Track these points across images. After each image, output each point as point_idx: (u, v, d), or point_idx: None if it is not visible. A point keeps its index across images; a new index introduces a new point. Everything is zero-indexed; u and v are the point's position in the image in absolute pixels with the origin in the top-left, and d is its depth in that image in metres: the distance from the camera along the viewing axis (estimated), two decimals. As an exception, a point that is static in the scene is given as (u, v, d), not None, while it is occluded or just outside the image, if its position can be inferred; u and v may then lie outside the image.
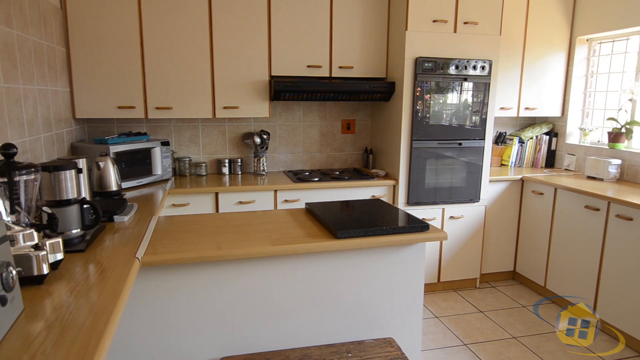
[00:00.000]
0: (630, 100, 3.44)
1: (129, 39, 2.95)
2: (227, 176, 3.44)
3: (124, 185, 2.78)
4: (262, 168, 3.51)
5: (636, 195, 2.86)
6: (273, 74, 3.24)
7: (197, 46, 3.07)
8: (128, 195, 2.60)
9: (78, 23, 2.86)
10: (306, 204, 2.20)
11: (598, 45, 3.80)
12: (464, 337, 2.90)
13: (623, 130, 3.43)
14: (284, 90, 3.17)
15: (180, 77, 3.08)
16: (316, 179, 3.25)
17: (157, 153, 3.09)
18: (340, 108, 3.77)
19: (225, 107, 3.19)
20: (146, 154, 3.03)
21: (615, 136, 3.46)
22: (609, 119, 3.55)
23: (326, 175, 3.44)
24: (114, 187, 2.32)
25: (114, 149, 2.80)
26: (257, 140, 3.46)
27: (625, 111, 3.48)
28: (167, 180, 3.16)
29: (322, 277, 1.80)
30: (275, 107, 3.62)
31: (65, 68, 2.84)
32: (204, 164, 3.44)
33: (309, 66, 3.29)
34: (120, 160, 2.82)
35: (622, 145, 3.45)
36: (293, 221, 2.00)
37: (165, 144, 3.15)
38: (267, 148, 3.54)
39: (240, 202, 3.06)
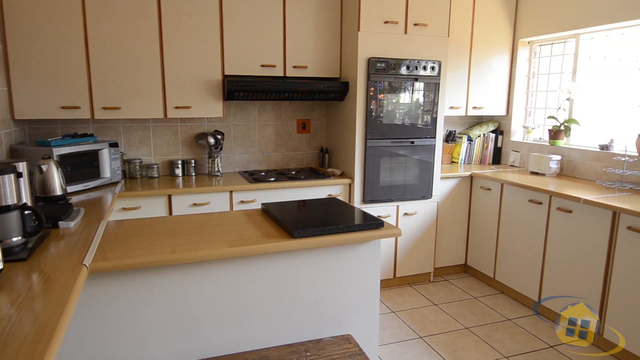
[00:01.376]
0: (568, 99, 3.66)
1: (73, 34, 2.81)
2: (181, 178, 3.36)
3: (70, 189, 2.65)
4: (216, 169, 3.45)
5: (575, 189, 3.05)
6: (226, 73, 3.20)
7: (146, 44, 2.98)
8: (74, 199, 2.48)
9: (16, 17, 2.70)
10: (262, 204, 2.18)
11: (538, 48, 4.02)
12: (420, 330, 2.98)
13: (562, 127, 3.65)
14: (238, 89, 3.13)
15: (129, 76, 2.97)
16: (272, 179, 3.23)
17: (105, 155, 2.96)
18: (295, 108, 3.77)
19: (177, 107, 3.11)
20: (93, 156, 2.90)
21: (555, 133, 3.67)
22: (549, 117, 3.77)
23: (282, 175, 3.43)
24: (58, 192, 2.20)
25: (58, 151, 2.66)
26: (211, 140, 3.40)
27: (564, 110, 3.70)
28: (116, 183, 3.04)
29: (280, 278, 1.79)
30: (230, 107, 3.57)
31: (2, 65, 2.67)
32: (155, 166, 3.34)
33: (263, 65, 3.26)
34: (65, 163, 2.68)
35: (562, 142, 3.67)
36: (249, 222, 1.98)
37: (113, 145, 3.03)
38: (221, 148, 3.48)
39: (195, 204, 3.00)
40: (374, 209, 3.43)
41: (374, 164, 3.38)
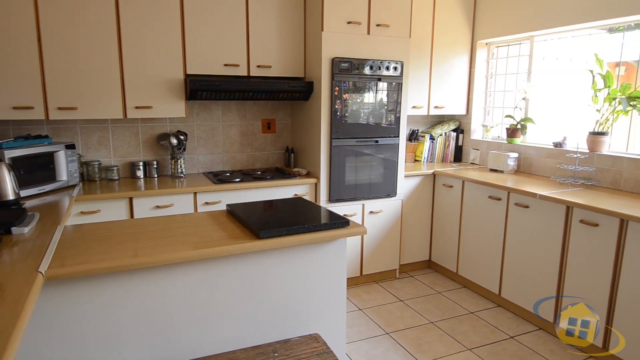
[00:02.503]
0: (524, 99, 3.80)
1: (24, 31, 2.69)
2: (142, 180, 3.27)
3: (24, 193, 2.53)
4: (180, 170, 3.39)
5: (531, 185, 3.18)
6: (189, 72, 3.14)
7: (103, 41, 2.88)
8: (28, 204, 2.37)
9: (-40, 13, 2.55)
10: (227, 205, 2.16)
11: (496, 49, 4.16)
12: (386, 326, 3.03)
13: (519, 126, 3.79)
14: (201, 89, 3.08)
15: (86, 75, 2.87)
16: (237, 180, 3.20)
17: (62, 157, 2.85)
18: (260, 107, 3.75)
19: (137, 107, 3.03)
20: (48, 159, 2.78)
21: (512, 132, 3.82)
22: (507, 116, 3.91)
23: (248, 175, 3.41)
24: (10, 196, 2.10)
25: (10, 153, 2.54)
26: (174, 141, 3.33)
27: (520, 109, 3.85)
28: (73, 186, 2.93)
29: (246, 279, 1.78)
30: (192, 107, 3.50)
31: (-55, 64, 2.52)
32: (115, 168, 3.24)
33: (226, 65, 3.22)
34: (18, 166, 2.56)
35: (518, 140, 3.81)
36: (214, 224, 1.96)
37: (70, 147, 2.91)
38: (184, 149, 3.42)
39: (158, 207, 2.93)
40: (340, 208, 3.45)
41: (340, 163, 3.40)
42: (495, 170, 3.78)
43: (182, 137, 3.37)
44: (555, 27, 3.40)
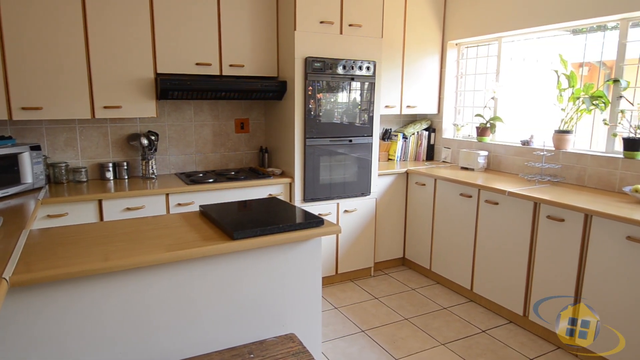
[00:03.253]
0: (492, 98, 3.90)
1: (-16, 29, 2.58)
2: (112, 181, 3.19)
3: (-15, 196, 2.43)
4: (151, 171, 3.32)
5: (500, 182, 3.26)
6: (159, 71, 3.08)
7: (69, 39, 2.79)
8: (-9, 208, 2.28)
9: None
10: (200, 206, 2.13)
11: (465, 50, 4.25)
12: (362, 324, 3.05)
13: (488, 125, 3.89)
14: (172, 88, 3.03)
15: (51, 74, 2.78)
16: (211, 180, 3.16)
17: (26, 159, 2.75)
18: (233, 107, 3.71)
19: (105, 107, 2.95)
20: (12, 161, 2.68)
21: (482, 130, 3.91)
22: (477, 115, 4.00)
23: (221, 175, 3.37)
24: (-29, 200, 2.01)
25: (-30, 155, 2.44)
26: (145, 141, 3.26)
27: (489, 108, 3.95)
28: (39, 189, 2.83)
29: (221, 280, 1.76)
30: (163, 107, 3.44)
31: None
32: (83, 169, 3.15)
33: (197, 64, 3.18)
34: (-21, 168, 2.46)
35: (488, 139, 3.91)
36: (187, 225, 1.93)
37: (35, 148, 2.81)
38: (156, 150, 3.35)
39: (128, 209, 2.87)
40: (314, 208, 3.46)
41: (314, 163, 3.41)
42: (466, 168, 3.86)
43: (153, 138, 3.31)
44: (522, 29, 3.50)
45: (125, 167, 3.29)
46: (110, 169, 3.23)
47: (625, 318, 2.38)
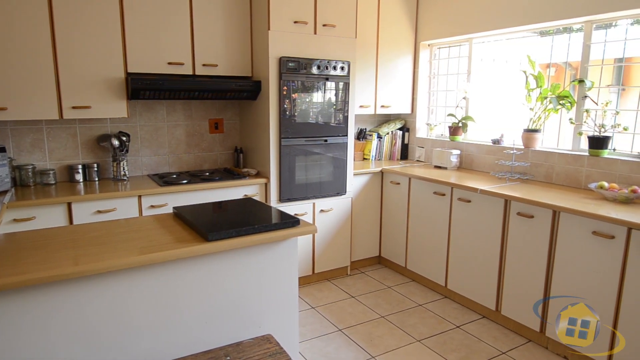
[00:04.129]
0: (464, 98, 3.98)
1: (-58, 26, 2.47)
2: (82, 183, 3.11)
3: (-54, 201, 2.33)
4: (122, 172, 3.25)
5: (472, 180, 3.33)
6: (130, 70, 3.01)
7: (35, 37, 2.70)
8: (-48, 212, 2.19)
9: None
10: (174, 208, 2.10)
11: (438, 50, 4.32)
12: (339, 323, 3.07)
13: (460, 124, 3.96)
14: (143, 88, 2.97)
15: (16, 73, 2.68)
16: (184, 181, 3.12)
17: (-10, 161, 2.65)
18: (206, 107, 3.67)
19: (74, 107, 2.87)
20: (-25, 163, 2.58)
21: (454, 130, 3.98)
22: (449, 115, 4.07)
23: (195, 176, 3.33)
24: None
25: None
26: (116, 142, 3.19)
27: (461, 108, 4.02)
28: (5, 192, 2.73)
29: (196, 283, 1.74)
30: (135, 107, 3.37)
31: None
32: (51, 172, 3.05)
33: (170, 63, 3.13)
34: (-61, 171, 2.36)
35: (460, 138, 3.98)
36: (160, 227, 1.90)
37: (0, 150, 2.71)
38: (127, 151, 3.28)
39: (99, 212, 2.80)
40: (290, 208, 3.45)
41: (290, 163, 3.40)
42: (440, 167, 3.93)
43: (124, 138, 3.24)
44: (491, 30, 3.58)
45: (96, 169, 3.21)
46: (80, 170, 3.15)
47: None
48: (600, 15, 2.91)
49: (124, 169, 3.25)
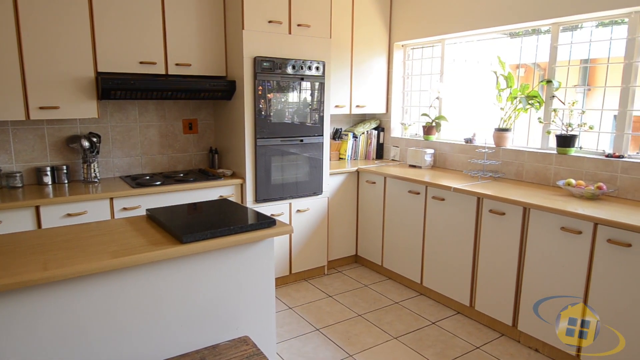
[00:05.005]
0: (437, 98, 4.04)
1: None
2: (51, 186, 3.02)
3: None
4: (93, 174, 3.17)
5: (446, 178, 3.39)
6: (100, 70, 2.94)
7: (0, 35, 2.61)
8: None
9: None
10: (147, 210, 2.06)
11: (411, 51, 4.37)
12: (316, 323, 3.07)
13: (434, 124, 4.02)
14: (114, 88, 2.91)
15: (-22, 72, 2.59)
16: (158, 183, 3.07)
17: (-49, 164, 2.54)
18: (180, 107, 3.62)
19: (42, 108, 2.79)
20: None
21: (428, 129, 4.04)
22: (423, 114, 4.13)
23: (169, 178, 3.27)
24: None
25: None
26: (86, 144, 3.11)
27: (435, 108, 4.09)
28: (-32, 195, 2.63)
29: (170, 286, 1.71)
30: (106, 107, 3.29)
31: None
32: (18, 174, 2.95)
33: (142, 62, 3.07)
34: None
35: (434, 137, 4.04)
36: (133, 230, 1.86)
37: (-38, 152, 2.61)
38: (98, 152, 3.20)
39: (69, 215, 2.72)
40: (267, 208, 3.44)
41: (265, 163, 3.39)
42: (414, 166, 3.98)
43: (94, 140, 3.16)
44: (463, 31, 3.65)
45: (65, 171, 3.12)
46: (49, 173, 3.05)
47: (559, 305, 2.54)
48: (567, 18, 3.01)
49: (94, 171, 3.17)
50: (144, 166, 3.52)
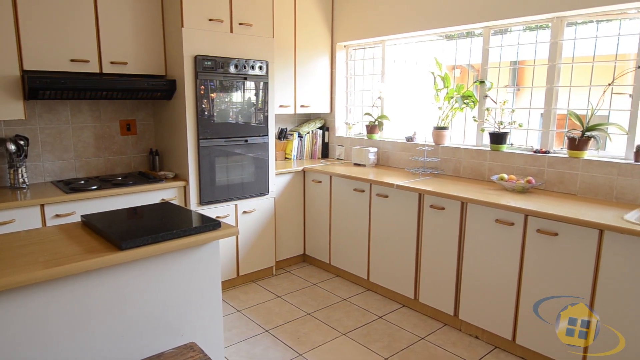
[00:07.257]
0: (379, 98, 4.14)
1: None
2: (-28, 194, 2.78)
3: None
4: (21, 180, 2.95)
5: (389, 176, 3.48)
6: (27, 68, 2.75)
7: None
8: None
9: None
10: (82, 216, 1.96)
11: (353, 51, 4.45)
12: (266, 324, 3.05)
13: (376, 123, 4.12)
14: (43, 87, 2.73)
15: None
16: (94, 187, 2.91)
17: None
18: (116, 107, 3.45)
19: (-41, 109, 2.56)
20: None
21: (371, 128, 4.13)
22: (366, 114, 4.21)
23: (106, 182, 3.12)
24: None
25: None
26: (12, 147, 2.89)
27: (377, 107, 4.18)
28: None
29: (110, 295, 1.63)
30: (34, 108, 3.08)
31: None
32: None
33: (73, 60, 2.90)
34: None
35: (377, 136, 4.14)
36: (67, 238, 1.76)
37: None
38: (26, 156, 2.99)
39: (-6, 224, 2.52)
40: (212, 210, 3.37)
41: (209, 164, 3.32)
42: (359, 165, 4.06)
43: (22, 142, 2.95)
44: (402, 33, 3.77)
45: (-12, 177, 2.89)
46: (-31, 179, 2.81)
47: (495, 293, 2.69)
48: (497, 22, 3.19)
49: (22, 176, 2.96)
50: (78, 170, 3.33)
